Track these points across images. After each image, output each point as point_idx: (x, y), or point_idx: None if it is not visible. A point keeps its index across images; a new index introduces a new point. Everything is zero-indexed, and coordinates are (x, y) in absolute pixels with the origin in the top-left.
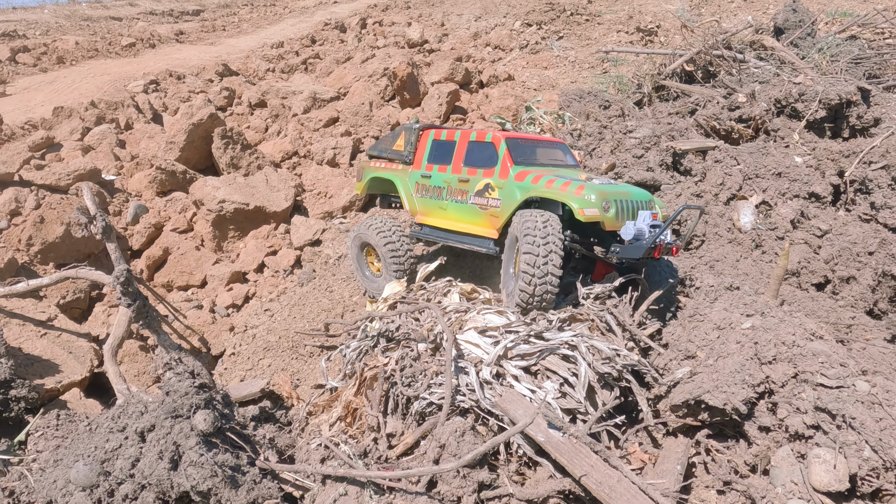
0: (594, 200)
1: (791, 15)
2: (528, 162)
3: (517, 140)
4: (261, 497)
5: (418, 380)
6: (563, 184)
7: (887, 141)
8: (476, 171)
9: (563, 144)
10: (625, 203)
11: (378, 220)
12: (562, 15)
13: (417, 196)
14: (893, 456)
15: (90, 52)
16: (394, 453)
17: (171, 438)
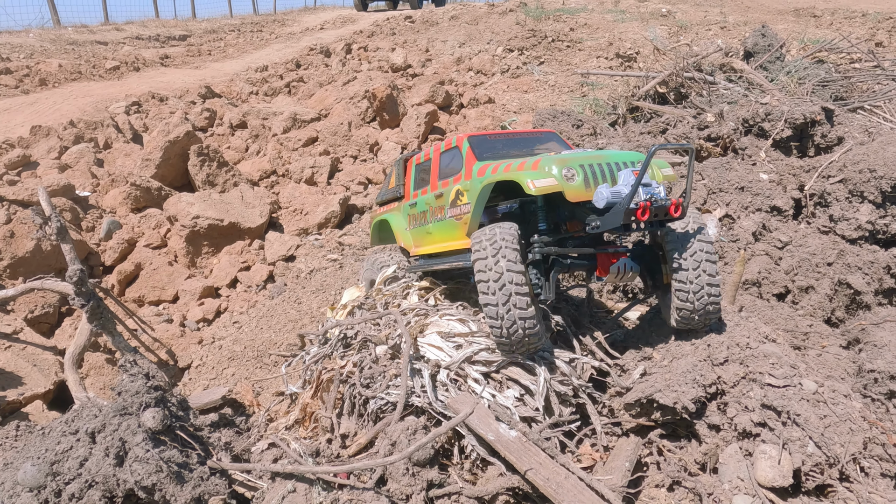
0: (552, 171)
1: (760, 39)
2: (497, 156)
3: (483, 136)
4: (207, 493)
5: (377, 381)
6: (521, 163)
7: (844, 156)
8: (448, 182)
9: (551, 134)
10: (598, 167)
11: (385, 256)
12: (543, 41)
13: (410, 229)
14: (836, 452)
15: (73, 75)
16: (347, 453)
17: (118, 435)
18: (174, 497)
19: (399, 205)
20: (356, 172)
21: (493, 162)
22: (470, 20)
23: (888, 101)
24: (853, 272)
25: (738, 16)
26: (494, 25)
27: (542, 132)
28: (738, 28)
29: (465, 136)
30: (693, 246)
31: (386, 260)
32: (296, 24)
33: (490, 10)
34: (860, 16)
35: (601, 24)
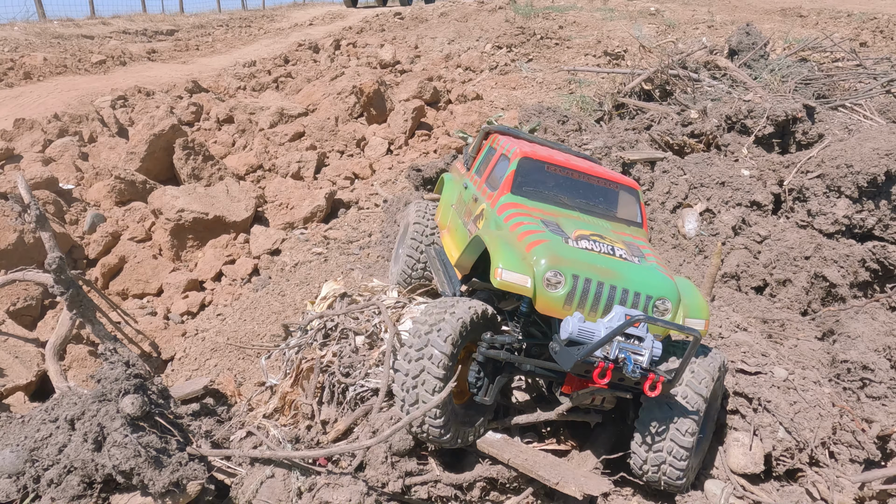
0: (537, 267)
1: (745, 38)
2: (541, 196)
3: (540, 164)
4: (185, 478)
5: (356, 368)
6: (522, 234)
7: (823, 152)
8: (486, 191)
9: (629, 188)
10: (598, 286)
11: (423, 205)
12: (532, 39)
13: (454, 207)
14: (806, 437)
15: (58, 69)
16: (326, 439)
17: (97, 420)
18: (152, 481)
19: (463, 173)
20: (343, 167)
21: (533, 206)
22: (459, 17)
23: (869, 99)
24: (829, 265)
25: (725, 15)
26: (483, 23)
27: (623, 183)
28: (726, 27)
29: (520, 154)
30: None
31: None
32: (284, 20)
33: (479, 7)
34: (846, 16)
35: (590, 22)
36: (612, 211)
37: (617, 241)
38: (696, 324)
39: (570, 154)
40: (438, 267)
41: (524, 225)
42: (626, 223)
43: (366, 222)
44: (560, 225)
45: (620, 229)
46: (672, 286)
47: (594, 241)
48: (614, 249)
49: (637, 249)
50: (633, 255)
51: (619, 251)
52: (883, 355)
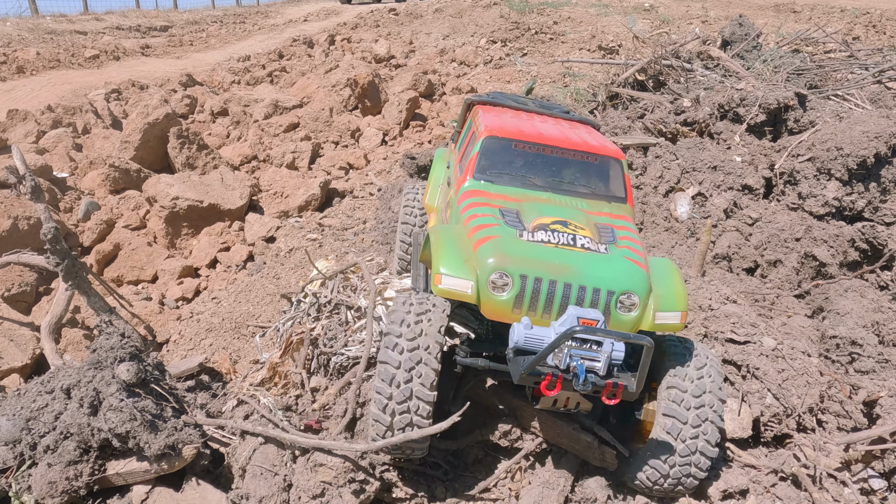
0: (485, 265)
1: (737, 29)
2: (508, 179)
3: (505, 140)
4: (181, 442)
5: (338, 339)
6: (474, 228)
7: (813, 135)
8: (457, 174)
9: (611, 158)
10: (550, 284)
11: (414, 187)
12: (526, 33)
13: (441, 187)
14: (793, 403)
15: (52, 63)
16: (317, 405)
17: (92, 386)
18: (148, 445)
19: (452, 149)
20: (337, 158)
21: (479, 195)
22: (454, 13)
23: (860, 88)
24: (819, 245)
25: (719, 11)
26: (478, 18)
27: (603, 153)
28: (720, 22)
29: (485, 132)
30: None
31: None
32: (279, 16)
33: (474, 3)
34: (839, 11)
35: (584, 17)
36: (591, 186)
37: (583, 227)
38: (670, 317)
39: (558, 119)
40: (417, 260)
41: (478, 218)
42: (605, 199)
43: (360, 210)
44: (521, 213)
45: (597, 207)
46: (640, 277)
47: (552, 232)
48: (575, 239)
49: (609, 233)
50: (599, 243)
51: (582, 240)
52: (871, 331)
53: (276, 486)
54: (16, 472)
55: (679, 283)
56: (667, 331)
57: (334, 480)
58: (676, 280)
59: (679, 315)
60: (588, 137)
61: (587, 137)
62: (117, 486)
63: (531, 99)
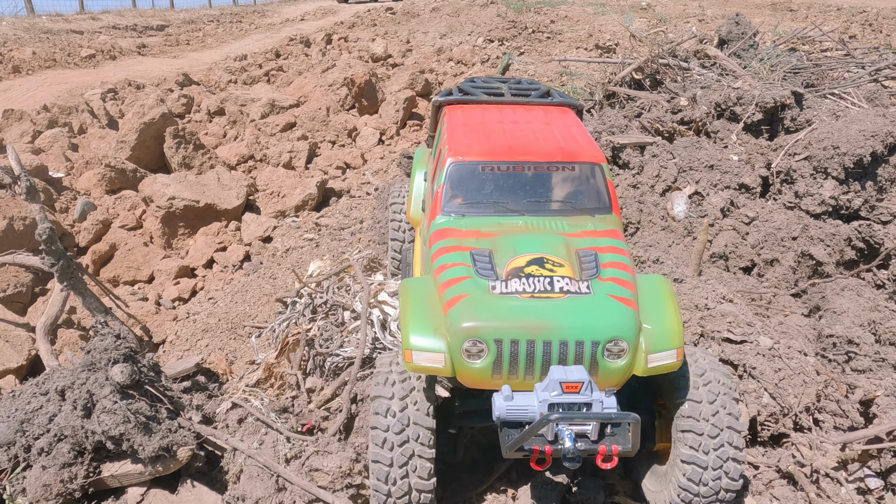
0: (456, 333)
1: (734, 28)
2: (479, 208)
3: (471, 164)
4: (175, 444)
5: (334, 340)
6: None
7: (810, 134)
8: (429, 201)
9: (590, 165)
10: (529, 345)
11: (397, 196)
12: (523, 32)
13: (423, 199)
14: (790, 402)
15: (48, 62)
16: (312, 406)
17: (86, 388)
18: (142, 447)
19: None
20: (334, 157)
21: (449, 236)
22: (451, 12)
23: (857, 87)
24: (816, 244)
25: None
26: (475, 17)
27: (581, 160)
28: (716, 21)
29: (450, 156)
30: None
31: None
32: (276, 15)
33: (471, 1)
34: (835, 10)
35: (581, 16)
36: (571, 200)
37: (561, 263)
38: (664, 357)
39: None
40: None
41: (448, 270)
42: (588, 212)
43: (357, 210)
44: (494, 255)
45: (579, 225)
46: (627, 319)
47: (527, 278)
48: (553, 282)
49: (591, 263)
50: (580, 281)
51: (560, 282)
52: (868, 330)
53: (272, 488)
54: (10, 475)
55: (673, 313)
56: (662, 372)
57: (330, 485)
58: (670, 309)
59: (674, 353)
60: (562, 139)
61: (562, 140)
62: (112, 488)
63: (506, 80)
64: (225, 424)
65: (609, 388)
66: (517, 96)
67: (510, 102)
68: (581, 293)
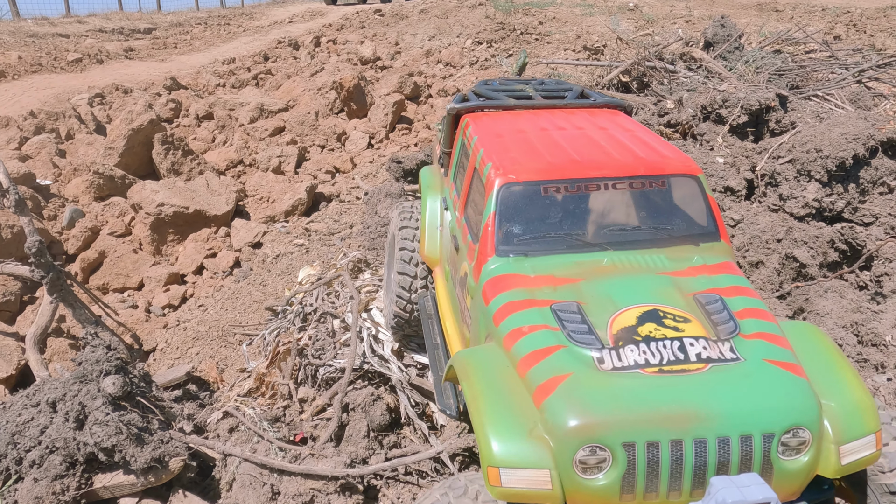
0: (564, 436)
1: (720, 30)
2: (545, 244)
3: (531, 187)
4: (167, 455)
5: (326, 350)
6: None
7: (793, 137)
8: (467, 237)
9: (684, 177)
10: (674, 447)
11: (409, 210)
12: (512, 34)
13: (440, 230)
14: None
15: (34, 67)
16: (304, 416)
17: (78, 400)
18: (134, 458)
19: (443, 177)
20: (324, 161)
21: (512, 285)
22: (440, 14)
23: (841, 88)
24: (800, 247)
25: (702, 10)
26: (464, 19)
27: (673, 171)
28: (703, 22)
29: (500, 181)
30: None
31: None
32: (264, 18)
33: (460, 3)
34: (820, 10)
35: (570, 17)
36: (665, 225)
37: (686, 316)
38: (861, 446)
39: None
40: (432, 342)
41: (527, 336)
42: (691, 241)
43: (347, 214)
44: (586, 310)
45: (684, 260)
46: (804, 395)
47: (647, 343)
48: (685, 347)
49: (722, 312)
50: (719, 342)
51: (695, 346)
52: (850, 331)
53: (265, 496)
54: (2, 488)
55: (853, 379)
56: (858, 469)
57: (323, 488)
58: (847, 373)
59: (872, 440)
60: (637, 147)
61: (637, 148)
62: (104, 499)
63: (527, 80)
64: (216, 434)
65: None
66: (549, 98)
67: (545, 106)
68: (727, 360)
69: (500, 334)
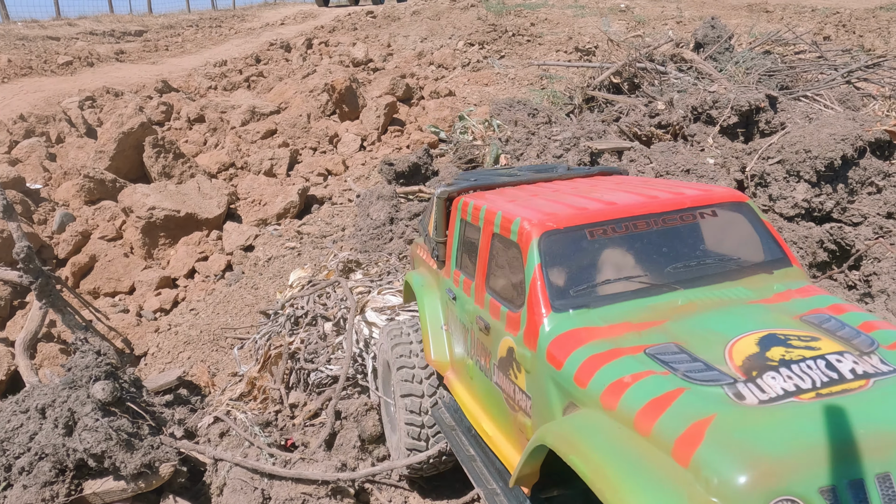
0: (741, 487)
1: (710, 31)
2: (605, 295)
3: (574, 233)
4: (157, 460)
5: (319, 354)
6: (680, 417)
7: (783, 138)
8: (502, 313)
9: (732, 205)
10: (883, 484)
11: (398, 328)
12: (504, 35)
13: (448, 329)
14: None
15: (24, 70)
16: (296, 421)
17: (67, 406)
18: (124, 464)
19: (437, 273)
20: (316, 164)
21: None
22: (432, 15)
23: (829, 89)
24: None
25: (693, 11)
26: (456, 20)
27: (720, 200)
28: (694, 23)
29: (537, 230)
30: None
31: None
32: (255, 20)
33: (452, 5)
34: (810, 11)
35: (561, 19)
36: (731, 256)
37: (813, 335)
38: None
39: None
40: (466, 454)
41: (633, 387)
42: (763, 269)
43: (339, 217)
44: (687, 346)
45: (765, 288)
46: None
47: (788, 366)
48: (833, 365)
49: (842, 327)
50: (866, 353)
51: (845, 362)
52: None
53: (255, 500)
54: None
55: None
56: None
57: (315, 492)
58: None
59: None
60: (670, 187)
61: (670, 187)
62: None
63: (514, 168)
64: (207, 439)
65: None
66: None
67: (543, 179)
68: (886, 373)
69: (593, 394)
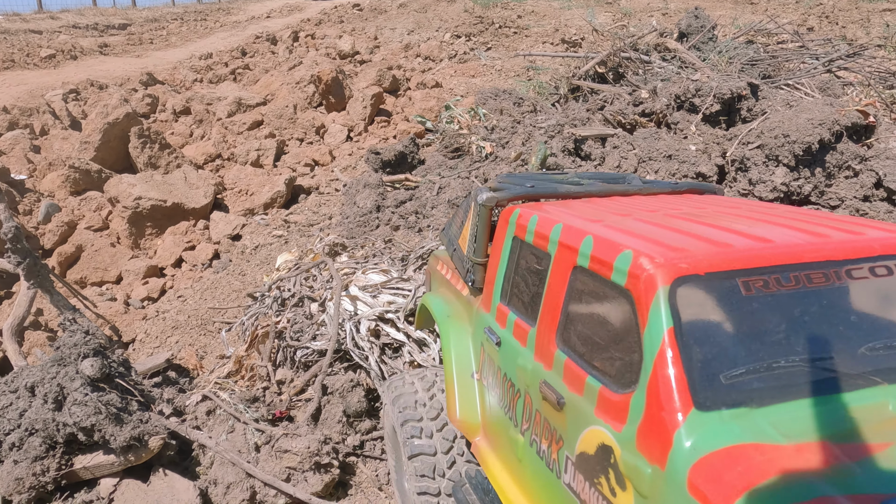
0: None
1: (693, 21)
2: (779, 386)
3: (723, 281)
4: (147, 434)
5: (305, 332)
6: None
7: (762, 123)
8: (583, 382)
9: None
10: None
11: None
12: (490, 27)
13: (480, 380)
14: None
15: (6, 63)
16: (284, 396)
17: (56, 381)
18: (113, 437)
19: (468, 300)
20: (302, 154)
21: (754, 464)
22: (419, 8)
23: (810, 77)
24: None
25: (679, 3)
26: (443, 13)
27: None
28: (680, 14)
29: (667, 275)
30: None
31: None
32: (241, 13)
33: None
34: (794, 2)
35: (548, 11)
36: None
37: None
38: None
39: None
40: None
41: None
42: None
43: (326, 206)
44: None
45: None
46: None
47: None
48: None
49: None
50: None
51: None
52: None
53: (243, 472)
54: None
55: None
56: None
57: (299, 465)
58: None
59: None
60: (823, 220)
61: (824, 221)
62: (85, 479)
63: (571, 174)
64: (195, 416)
65: None
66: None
67: (619, 192)
68: None
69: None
